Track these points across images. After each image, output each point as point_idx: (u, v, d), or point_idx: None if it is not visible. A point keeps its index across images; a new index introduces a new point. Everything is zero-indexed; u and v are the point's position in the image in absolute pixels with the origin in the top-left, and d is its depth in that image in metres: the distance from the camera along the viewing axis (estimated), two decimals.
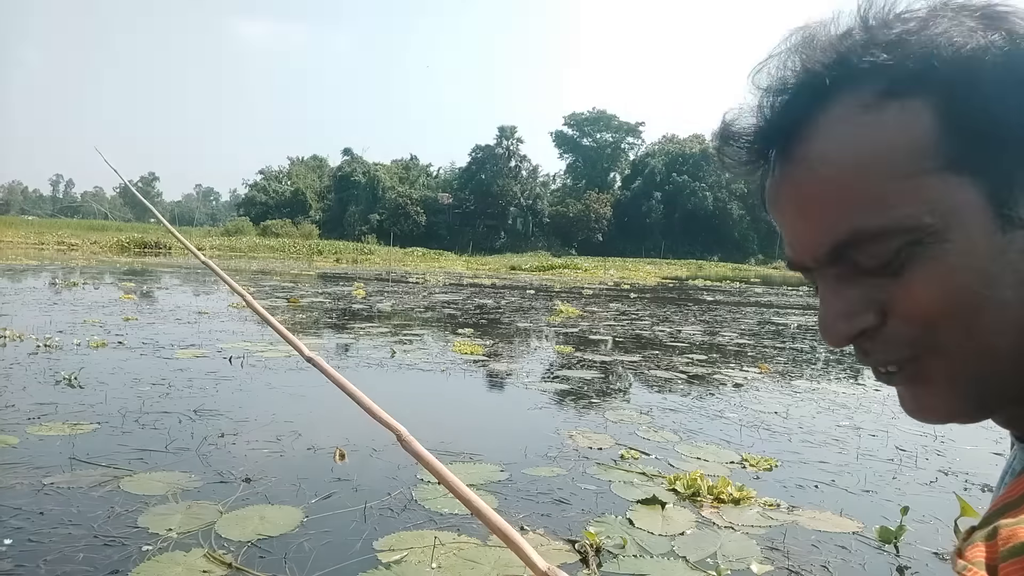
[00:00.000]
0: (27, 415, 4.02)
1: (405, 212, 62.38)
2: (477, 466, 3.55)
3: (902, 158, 0.45)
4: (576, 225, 65.51)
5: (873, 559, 2.72)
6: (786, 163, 0.50)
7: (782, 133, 0.50)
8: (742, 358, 7.83)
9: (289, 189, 68.18)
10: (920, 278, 0.45)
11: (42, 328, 7.23)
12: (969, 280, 0.44)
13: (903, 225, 0.45)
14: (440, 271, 28.45)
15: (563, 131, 76.94)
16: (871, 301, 0.48)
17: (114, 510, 2.78)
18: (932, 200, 0.44)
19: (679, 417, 4.86)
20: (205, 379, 5.27)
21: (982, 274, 0.44)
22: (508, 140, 66.89)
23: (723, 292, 21.96)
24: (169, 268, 21.38)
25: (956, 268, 0.44)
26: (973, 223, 0.44)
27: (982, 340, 0.45)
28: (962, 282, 0.45)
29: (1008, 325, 0.45)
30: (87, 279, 14.78)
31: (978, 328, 0.45)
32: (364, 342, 7.64)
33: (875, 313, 0.48)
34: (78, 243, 33.67)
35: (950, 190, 0.44)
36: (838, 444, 4.34)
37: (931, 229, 0.44)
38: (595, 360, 7.18)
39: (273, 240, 44.85)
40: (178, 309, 9.99)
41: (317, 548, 2.54)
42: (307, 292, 14.40)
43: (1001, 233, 0.44)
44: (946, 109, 0.45)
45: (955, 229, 0.44)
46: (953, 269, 0.44)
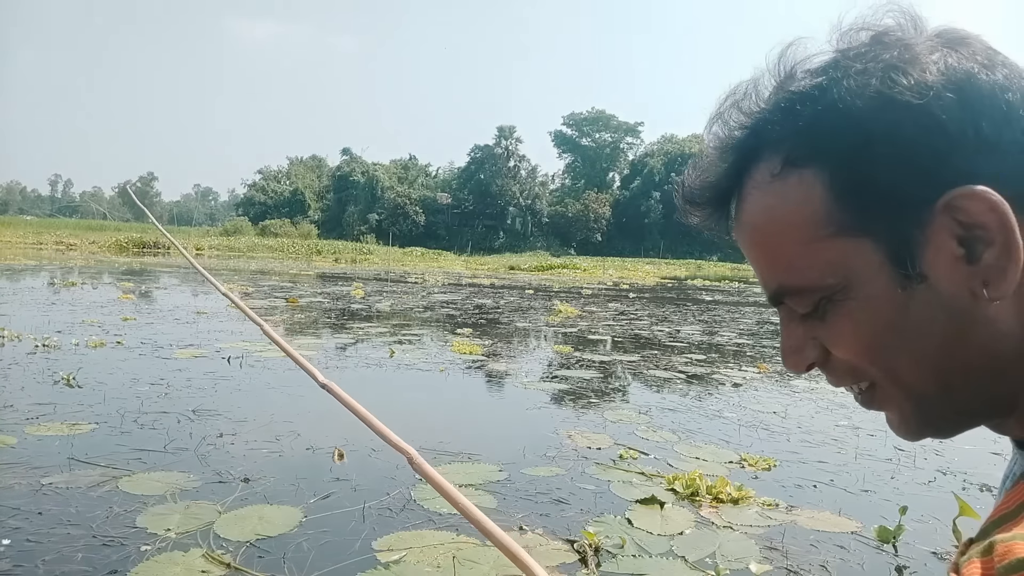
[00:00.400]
0: (25, 415, 4.02)
1: (404, 212, 62.37)
2: (476, 466, 3.55)
3: (802, 226, 0.49)
4: (575, 225, 65.53)
5: (872, 559, 2.72)
6: (734, 219, 0.55)
7: (724, 197, 0.54)
8: (741, 358, 7.84)
9: (288, 189, 68.16)
10: (837, 327, 0.50)
11: (40, 328, 7.23)
12: (877, 331, 0.48)
13: (811, 285, 0.49)
14: (439, 271, 28.45)
15: (562, 131, 76.97)
16: (813, 339, 0.52)
17: (113, 510, 2.77)
18: (833, 263, 0.48)
19: (678, 417, 4.86)
20: (204, 379, 5.26)
21: (889, 326, 0.47)
22: (507, 140, 66.90)
23: (722, 292, 21.97)
24: (167, 268, 21.36)
25: (864, 321, 0.48)
26: (874, 281, 0.47)
27: (904, 381, 0.49)
28: (871, 333, 0.48)
29: (926, 370, 0.48)
30: (85, 279, 14.77)
31: (896, 371, 0.49)
32: (363, 342, 7.63)
33: (818, 350, 0.52)
34: (76, 243, 33.64)
35: (848, 253, 0.47)
36: (836, 444, 4.35)
37: (836, 288, 0.48)
38: (594, 360, 7.18)
39: (272, 240, 44.82)
40: (177, 309, 9.98)
41: (316, 548, 2.54)
42: (306, 292, 14.40)
43: (902, 290, 0.46)
44: (835, 178, 0.47)
45: (858, 287, 0.48)
46: (861, 322, 0.48)
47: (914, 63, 0.46)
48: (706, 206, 0.55)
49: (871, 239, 0.47)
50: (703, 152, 0.55)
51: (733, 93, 0.53)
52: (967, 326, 0.46)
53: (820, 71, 0.49)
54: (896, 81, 0.45)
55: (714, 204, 0.55)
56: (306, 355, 7.07)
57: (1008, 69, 0.47)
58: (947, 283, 0.45)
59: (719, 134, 0.53)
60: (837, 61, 0.49)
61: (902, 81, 0.45)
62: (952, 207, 0.44)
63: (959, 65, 0.46)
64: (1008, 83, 0.46)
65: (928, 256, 0.45)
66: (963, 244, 0.45)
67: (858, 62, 0.47)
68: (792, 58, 0.51)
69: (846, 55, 0.48)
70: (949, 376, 0.48)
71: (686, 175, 0.56)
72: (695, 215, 0.56)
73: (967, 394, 0.48)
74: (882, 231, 0.46)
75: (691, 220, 0.57)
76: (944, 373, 0.48)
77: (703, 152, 0.55)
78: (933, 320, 0.46)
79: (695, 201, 0.56)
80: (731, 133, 0.52)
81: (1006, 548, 0.38)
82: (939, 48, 0.47)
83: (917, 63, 0.46)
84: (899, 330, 0.47)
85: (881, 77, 0.46)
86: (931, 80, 0.45)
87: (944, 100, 0.45)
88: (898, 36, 0.48)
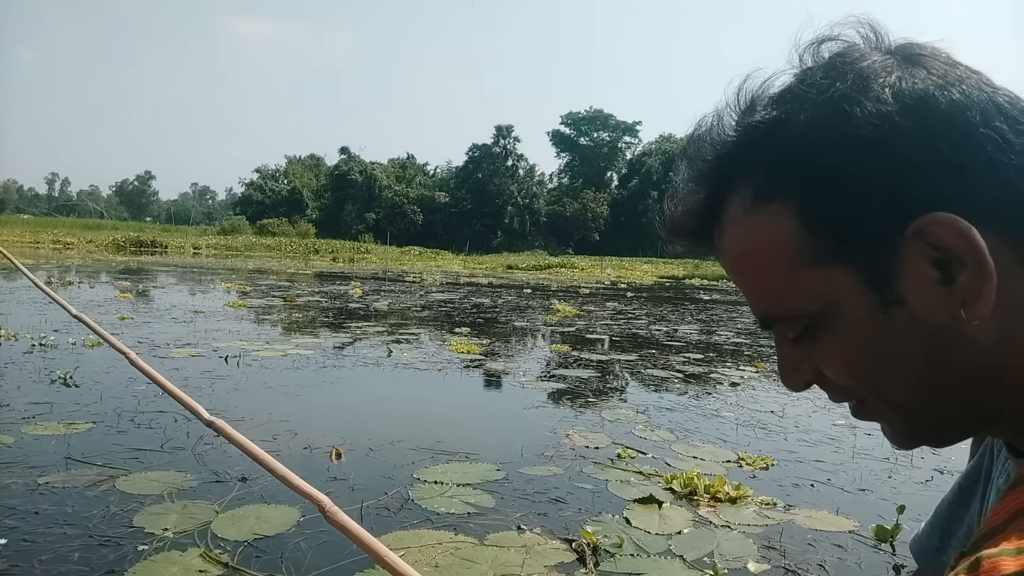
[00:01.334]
0: (22, 414, 4.01)
1: (402, 211, 62.31)
2: (473, 465, 3.55)
3: (778, 257, 0.49)
4: (573, 224, 65.51)
5: (869, 558, 2.72)
6: (717, 247, 0.55)
7: (705, 226, 0.54)
8: (739, 357, 7.84)
9: (286, 188, 68.06)
10: (824, 350, 0.50)
11: (37, 327, 7.21)
12: (861, 354, 0.49)
13: (795, 313, 0.50)
14: (437, 270, 28.43)
15: (560, 130, 76.92)
16: (807, 359, 0.53)
17: (110, 510, 2.77)
18: (812, 291, 0.48)
19: (675, 416, 4.87)
20: (201, 378, 5.26)
21: (872, 349, 0.48)
22: (505, 139, 66.84)
23: (720, 291, 21.99)
24: (165, 267, 21.33)
25: (848, 344, 0.49)
26: (854, 306, 0.47)
27: (891, 399, 0.50)
28: (856, 356, 0.49)
29: (911, 389, 0.48)
30: (82, 278, 14.74)
31: (883, 391, 0.50)
32: (361, 341, 7.63)
33: (813, 370, 0.53)
34: (74, 242, 33.59)
35: (826, 281, 0.48)
36: (834, 443, 4.35)
37: (819, 314, 0.49)
38: (592, 359, 7.18)
39: (269, 239, 44.78)
40: (174, 308, 9.97)
41: (314, 548, 2.54)
42: (303, 291, 14.39)
43: (882, 314, 0.47)
44: (804, 210, 0.47)
45: (839, 313, 0.48)
46: (845, 345, 0.49)
47: (868, 92, 0.46)
48: (688, 236, 0.56)
49: (846, 267, 0.47)
50: (680, 182, 0.55)
51: (699, 127, 0.53)
52: (948, 345, 0.46)
53: (778, 101, 0.49)
54: (851, 114, 0.45)
55: (696, 233, 0.55)
56: (304, 354, 7.05)
57: (966, 85, 0.46)
58: (925, 305, 0.46)
59: (693, 165, 0.53)
60: (794, 91, 0.49)
61: (856, 113, 0.45)
62: (922, 233, 0.44)
63: (914, 88, 0.46)
64: (967, 100, 0.45)
65: (904, 280, 0.46)
66: (938, 267, 0.45)
67: (813, 91, 0.47)
68: (750, 89, 0.51)
69: (803, 82, 0.48)
70: (934, 393, 0.48)
71: (666, 205, 0.56)
72: (679, 244, 0.56)
73: (953, 409, 0.49)
74: (856, 259, 0.47)
75: (676, 248, 0.57)
76: (929, 391, 0.48)
77: (680, 182, 0.55)
78: (914, 341, 0.47)
79: (676, 232, 0.56)
80: (702, 167, 0.52)
81: (992, 564, 0.38)
82: (895, 68, 0.47)
83: (871, 92, 0.46)
84: (882, 352, 0.48)
85: (835, 109, 0.46)
86: (886, 110, 0.45)
87: (900, 128, 0.45)
88: (854, 58, 0.48)
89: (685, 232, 0.55)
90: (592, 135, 76.23)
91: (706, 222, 0.54)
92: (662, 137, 74.07)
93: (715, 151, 0.51)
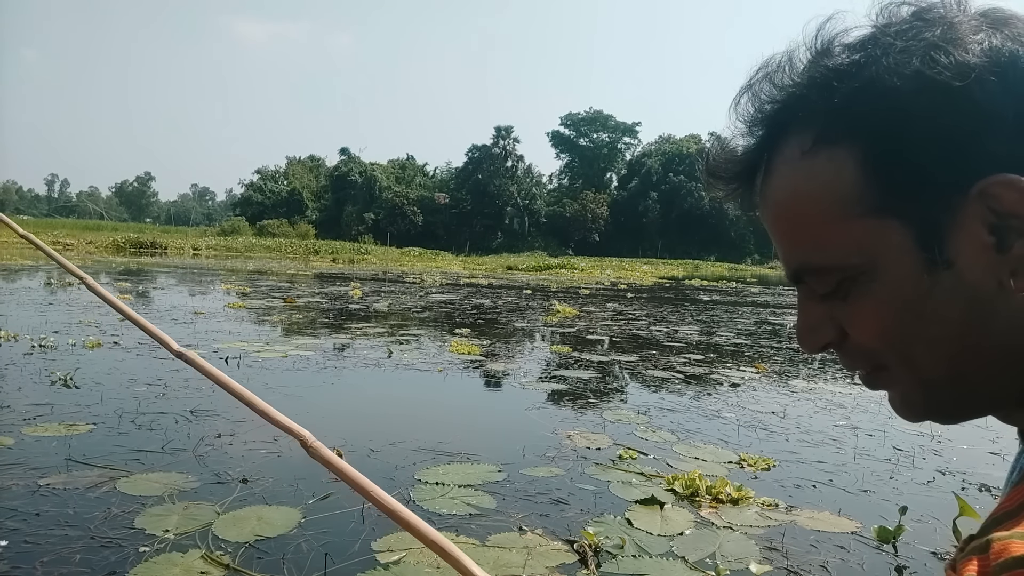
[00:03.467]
0: (23, 416, 4.00)
1: (402, 212, 62.30)
2: (475, 466, 3.54)
3: (831, 204, 0.48)
4: (573, 225, 65.51)
5: (872, 559, 2.72)
6: (759, 195, 0.54)
7: (750, 171, 0.53)
8: (739, 358, 7.84)
9: (286, 189, 68.08)
10: (858, 308, 0.49)
11: (37, 328, 7.21)
12: (897, 315, 0.47)
13: (835, 264, 0.49)
14: (437, 271, 28.43)
15: (560, 131, 76.97)
16: (831, 319, 0.51)
17: (111, 511, 2.76)
18: (859, 243, 0.47)
19: (677, 417, 4.86)
20: (201, 379, 5.22)
21: (909, 311, 0.47)
22: (505, 140, 66.87)
23: (720, 292, 21.99)
24: (165, 268, 21.33)
25: (885, 303, 0.48)
26: (899, 264, 0.46)
27: (918, 366, 0.49)
28: (891, 316, 0.48)
29: (940, 357, 0.47)
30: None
31: (912, 356, 0.48)
32: (361, 342, 7.62)
33: (835, 330, 0.52)
34: (74, 243, 33.55)
35: (876, 234, 0.47)
36: (836, 444, 4.35)
37: (861, 268, 0.48)
38: (592, 360, 7.18)
39: (269, 240, 44.78)
40: (174, 309, 9.96)
41: (315, 549, 2.54)
42: (304, 292, 14.38)
43: (927, 275, 0.46)
44: (868, 157, 0.46)
45: (883, 269, 0.47)
46: (882, 304, 0.48)
47: (957, 43, 0.44)
48: (731, 180, 0.55)
49: (900, 221, 0.46)
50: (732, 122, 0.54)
51: (765, 65, 0.52)
52: (988, 316, 0.45)
53: (858, 47, 0.48)
54: (937, 61, 0.44)
55: (739, 178, 0.54)
56: (304, 355, 7.04)
57: None
58: (973, 271, 0.45)
59: (749, 107, 0.52)
60: (876, 37, 0.47)
61: (943, 61, 0.44)
62: (987, 194, 0.43)
63: (1003, 46, 0.45)
64: None
65: (956, 242, 0.45)
66: (994, 232, 0.44)
67: (899, 39, 0.46)
68: (829, 32, 0.50)
69: (885, 31, 0.47)
70: (963, 364, 0.47)
71: (711, 146, 0.55)
72: (718, 188, 0.55)
73: (978, 383, 0.48)
74: (912, 213, 0.46)
75: (715, 193, 0.56)
76: (958, 361, 0.47)
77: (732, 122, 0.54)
78: (954, 307, 0.46)
79: (719, 174, 0.55)
80: (761, 106, 0.51)
81: (1002, 546, 0.38)
82: (983, 28, 0.46)
83: (960, 43, 0.44)
84: (920, 315, 0.47)
85: (922, 56, 0.44)
86: (973, 61, 0.44)
87: (985, 83, 0.44)
88: (940, 13, 0.47)
89: (729, 175, 0.54)
90: (592, 136, 76.27)
91: (754, 165, 0.53)
92: (661, 138, 74.14)
93: (784, 91, 0.50)
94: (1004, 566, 0.38)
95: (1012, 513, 0.42)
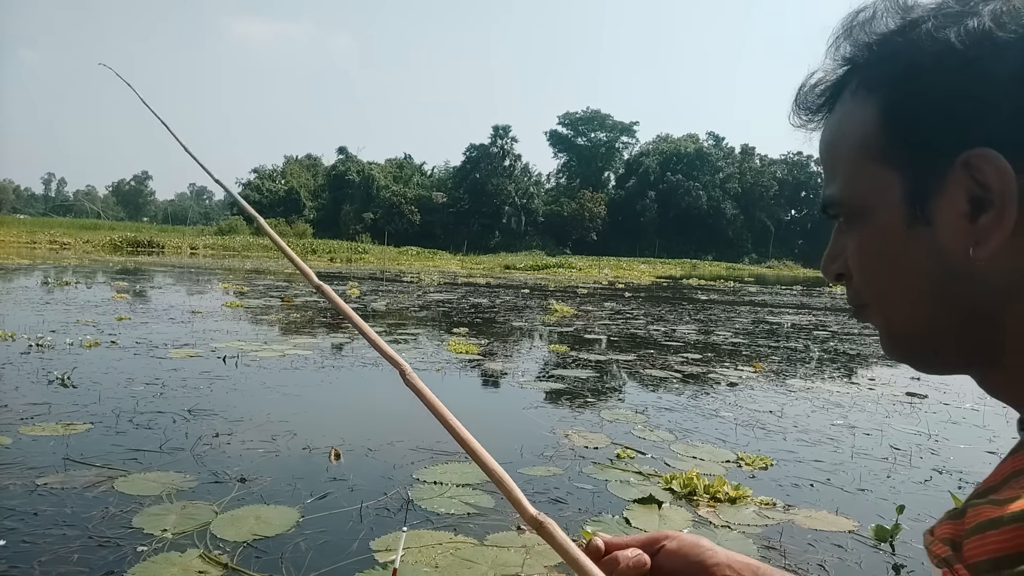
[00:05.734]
0: (20, 415, 4.00)
1: (399, 211, 62.25)
2: (473, 466, 3.54)
3: (853, 144, 0.52)
4: (570, 224, 65.53)
5: (869, 558, 2.72)
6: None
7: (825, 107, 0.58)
8: (737, 357, 7.85)
9: (283, 188, 67.95)
10: (852, 245, 0.54)
11: (34, 328, 7.19)
12: (876, 258, 0.52)
13: (844, 200, 0.54)
14: (435, 270, 28.42)
15: (557, 130, 77.03)
16: (844, 253, 0.56)
17: (109, 510, 2.76)
18: (862, 184, 0.52)
19: (674, 416, 4.87)
20: (199, 379, 5.25)
21: (887, 257, 0.52)
22: (502, 139, 66.84)
23: (717, 291, 22.01)
24: (162, 267, 21.29)
25: (868, 245, 0.53)
26: (888, 212, 0.51)
27: (889, 309, 0.54)
28: (871, 258, 0.53)
29: (909, 305, 0.52)
30: (79, 278, 14.71)
31: (885, 299, 0.53)
32: (359, 342, 7.61)
33: (845, 263, 0.56)
34: (70, 242, 33.51)
35: (877, 179, 0.51)
36: (833, 443, 4.35)
37: (860, 208, 0.52)
38: (590, 359, 7.18)
39: (267, 239, 44.60)
40: (171, 308, 9.95)
41: (313, 548, 2.54)
42: (301, 291, 14.37)
43: (907, 228, 0.50)
44: (888, 108, 0.50)
45: (873, 213, 0.52)
46: (866, 245, 0.53)
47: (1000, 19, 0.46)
48: (811, 111, 0.58)
49: (897, 173, 0.50)
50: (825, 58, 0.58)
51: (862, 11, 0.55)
52: (956, 278, 0.48)
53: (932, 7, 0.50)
54: (969, 33, 0.46)
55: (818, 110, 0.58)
56: (302, 354, 7.02)
57: None
58: (947, 234, 0.48)
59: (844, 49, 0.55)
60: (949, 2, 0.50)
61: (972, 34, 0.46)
62: (969, 164, 0.46)
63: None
64: None
65: (938, 205, 0.48)
66: (971, 202, 0.46)
67: (957, 4, 0.48)
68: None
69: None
70: (930, 317, 0.51)
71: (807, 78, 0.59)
72: (800, 116, 0.59)
73: (944, 337, 0.51)
74: (907, 169, 0.49)
75: (794, 121, 0.60)
76: (926, 313, 0.51)
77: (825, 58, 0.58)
78: (927, 264, 0.49)
79: (802, 104, 0.59)
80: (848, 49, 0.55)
81: (976, 511, 0.41)
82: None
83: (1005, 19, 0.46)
84: (895, 263, 0.51)
85: (958, 26, 0.47)
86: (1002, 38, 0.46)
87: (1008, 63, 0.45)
88: None
89: (810, 106, 0.58)
90: (589, 135, 76.32)
91: (829, 101, 0.57)
92: (659, 137, 74.26)
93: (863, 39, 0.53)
94: (975, 529, 0.40)
95: (994, 488, 0.44)
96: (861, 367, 7.74)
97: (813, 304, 18.19)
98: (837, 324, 12.68)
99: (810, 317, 14.06)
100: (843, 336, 10.65)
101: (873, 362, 8.13)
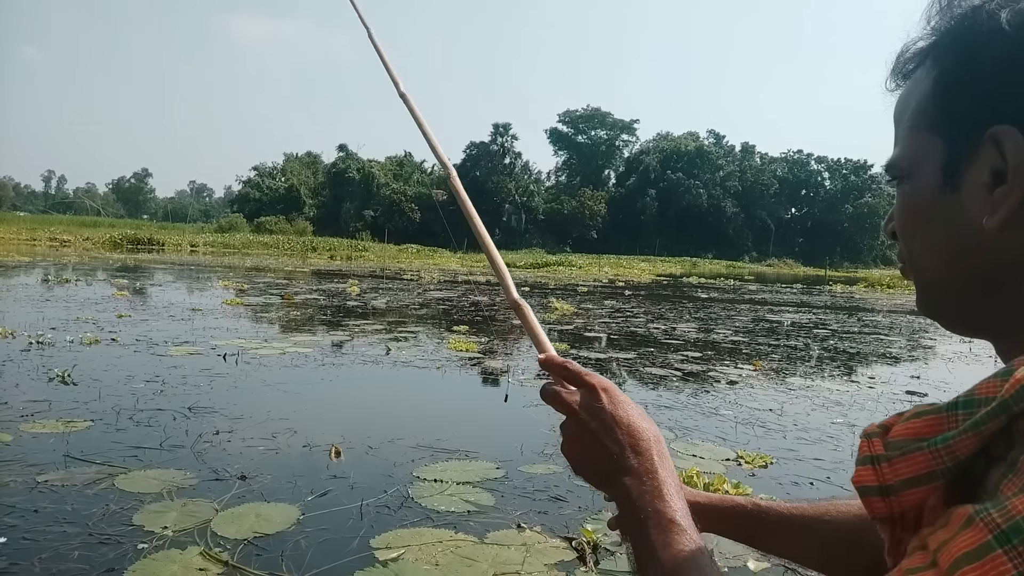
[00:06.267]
0: (20, 412, 4.00)
1: (399, 209, 62.21)
2: (473, 463, 3.55)
3: (913, 110, 0.57)
4: (571, 222, 65.52)
5: None
6: None
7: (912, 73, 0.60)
8: (737, 355, 7.85)
9: (283, 186, 67.89)
10: (897, 203, 0.59)
11: (34, 325, 7.19)
12: (912, 219, 0.57)
13: (895, 162, 0.58)
14: (435, 268, 28.41)
15: (558, 128, 76.99)
16: None
17: (109, 508, 2.76)
18: (911, 149, 0.56)
19: (674, 414, 4.87)
20: (199, 376, 5.25)
21: (920, 218, 0.56)
22: (503, 137, 66.84)
23: (717, 289, 22.01)
24: (162, 265, 21.29)
25: (907, 205, 0.57)
26: (927, 176, 0.55)
27: (919, 267, 0.58)
28: (907, 217, 0.58)
29: (936, 265, 0.56)
30: (79, 276, 14.71)
31: (915, 256, 0.58)
32: (359, 339, 7.62)
33: None
34: (70, 239, 33.50)
35: (923, 145, 0.55)
36: (833, 441, 4.36)
37: (903, 171, 0.57)
38: (590, 357, 7.18)
39: (267, 237, 44.69)
40: (172, 306, 9.95)
41: (314, 546, 2.54)
42: (301, 289, 14.37)
43: (938, 191, 0.54)
44: (941, 79, 0.54)
45: (916, 176, 0.56)
46: (905, 205, 0.58)
47: None
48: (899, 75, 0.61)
49: (941, 142, 0.53)
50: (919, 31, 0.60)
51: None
52: (973, 243, 0.52)
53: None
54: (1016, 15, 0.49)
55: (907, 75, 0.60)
56: (302, 352, 7.02)
57: None
58: (970, 203, 0.51)
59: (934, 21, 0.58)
60: None
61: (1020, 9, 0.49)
62: (995, 139, 0.49)
63: None
64: None
65: (967, 173, 0.51)
66: (993, 175, 0.50)
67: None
68: None
69: None
70: (950, 280, 0.55)
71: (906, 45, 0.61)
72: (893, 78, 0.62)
73: (965, 298, 0.55)
74: (948, 138, 0.53)
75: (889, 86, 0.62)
76: (947, 275, 0.55)
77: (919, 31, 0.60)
78: (952, 228, 0.53)
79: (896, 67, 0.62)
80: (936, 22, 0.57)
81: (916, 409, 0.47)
82: None
83: None
84: (925, 224, 0.56)
85: (1012, 7, 0.50)
86: None
87: None
88: None
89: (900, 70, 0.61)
90: (590, 133, 76.30)
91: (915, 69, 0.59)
92: (659, 135, 74.21)
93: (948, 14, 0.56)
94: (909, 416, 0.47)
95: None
96: (861, 365, 7.74)
97: (813, 302, 18.19)
98: (837, 322, 12.68)
99: (810, 315, 14.06)
100: (843, 334, 10.65)
101: (873, 360, 8.14)
